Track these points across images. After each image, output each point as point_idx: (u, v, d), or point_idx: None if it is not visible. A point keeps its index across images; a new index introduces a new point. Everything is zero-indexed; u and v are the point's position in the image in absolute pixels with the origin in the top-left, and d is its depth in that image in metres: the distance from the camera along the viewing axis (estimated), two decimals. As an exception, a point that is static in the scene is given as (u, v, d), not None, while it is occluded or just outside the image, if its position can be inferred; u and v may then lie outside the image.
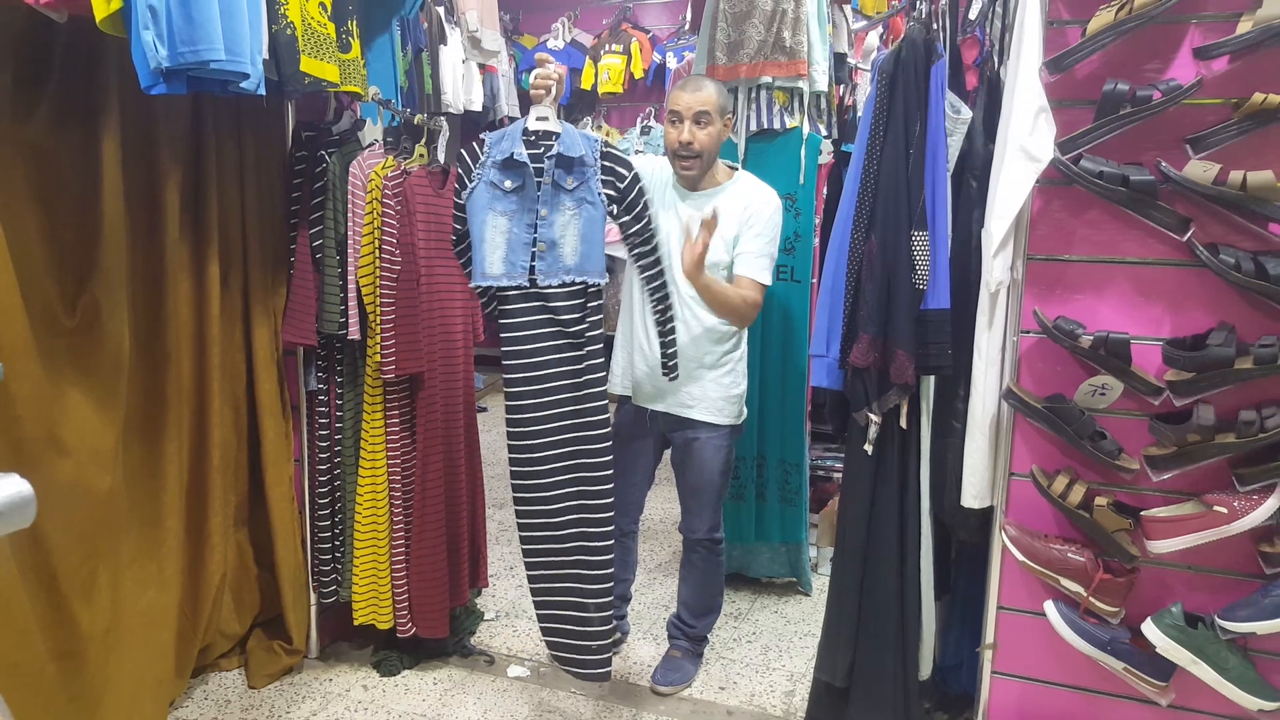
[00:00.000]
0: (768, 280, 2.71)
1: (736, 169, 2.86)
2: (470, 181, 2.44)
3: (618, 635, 2.56)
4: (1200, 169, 1.87)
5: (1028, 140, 1.96)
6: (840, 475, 3.85)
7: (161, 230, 2.58)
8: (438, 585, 2.96)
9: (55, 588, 2.32)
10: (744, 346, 2.86)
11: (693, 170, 2.70)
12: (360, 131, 2.98)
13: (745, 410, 2.92)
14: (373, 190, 2.74)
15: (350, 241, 2.78)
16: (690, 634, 3.08)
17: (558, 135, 2.40)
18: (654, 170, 2.82)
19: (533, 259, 2.40)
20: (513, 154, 2.38)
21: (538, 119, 2.41)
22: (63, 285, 2.33)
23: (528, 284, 2.41)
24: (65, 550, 2.32)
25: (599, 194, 2.41)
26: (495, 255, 2.41)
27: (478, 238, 2.42)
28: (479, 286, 2.48)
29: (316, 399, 2.97)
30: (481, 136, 2.47)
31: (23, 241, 2.19)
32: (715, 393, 2.79)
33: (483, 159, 2.43)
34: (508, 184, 2.40)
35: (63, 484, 2.29)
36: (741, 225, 2.68)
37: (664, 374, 2.65)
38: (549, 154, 2.38)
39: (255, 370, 2.90)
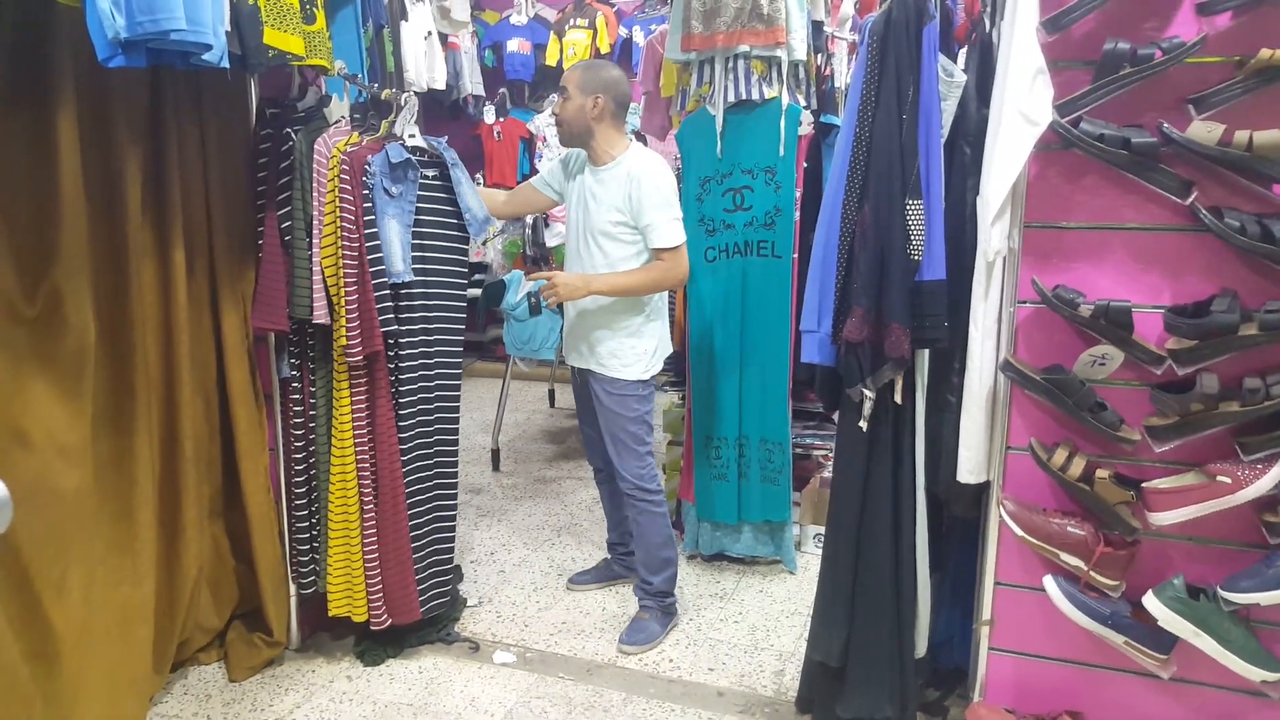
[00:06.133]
0: (679, 239, 2.86)
1: (631, 143, 2.96)
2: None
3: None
4: (1204, 130, 1.82)
5: (1025, 103, 1.90)
6: (820, 453, 3.85)
7: (122, 214, 2.47)
8: (404, 565, 2.89)
9: (26, 587, 2.23)
10: (652, 308, 2.99)
11: (560, 135, 2.98)
12: (326, 108, 2.88)
13: (658, 364, 3.05)
14: (333, 167, 2.64)
15: (315, 222, 2.68)
16: (650, 590, 3.11)
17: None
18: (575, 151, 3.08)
19: None
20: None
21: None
22: (21, 273, 2.22)
23: None
24: (35, 548, 2.23)
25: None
26: None
27: None
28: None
29: (290, 386, 2.88)
30: None
31: (-24, 228, 2.09)
32: (619, 350, 2.95)
33: None
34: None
35: (29, 480, 2.20)
36: (632, 197, 2.82)
37: None
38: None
39: (225, 358, 2.80)
